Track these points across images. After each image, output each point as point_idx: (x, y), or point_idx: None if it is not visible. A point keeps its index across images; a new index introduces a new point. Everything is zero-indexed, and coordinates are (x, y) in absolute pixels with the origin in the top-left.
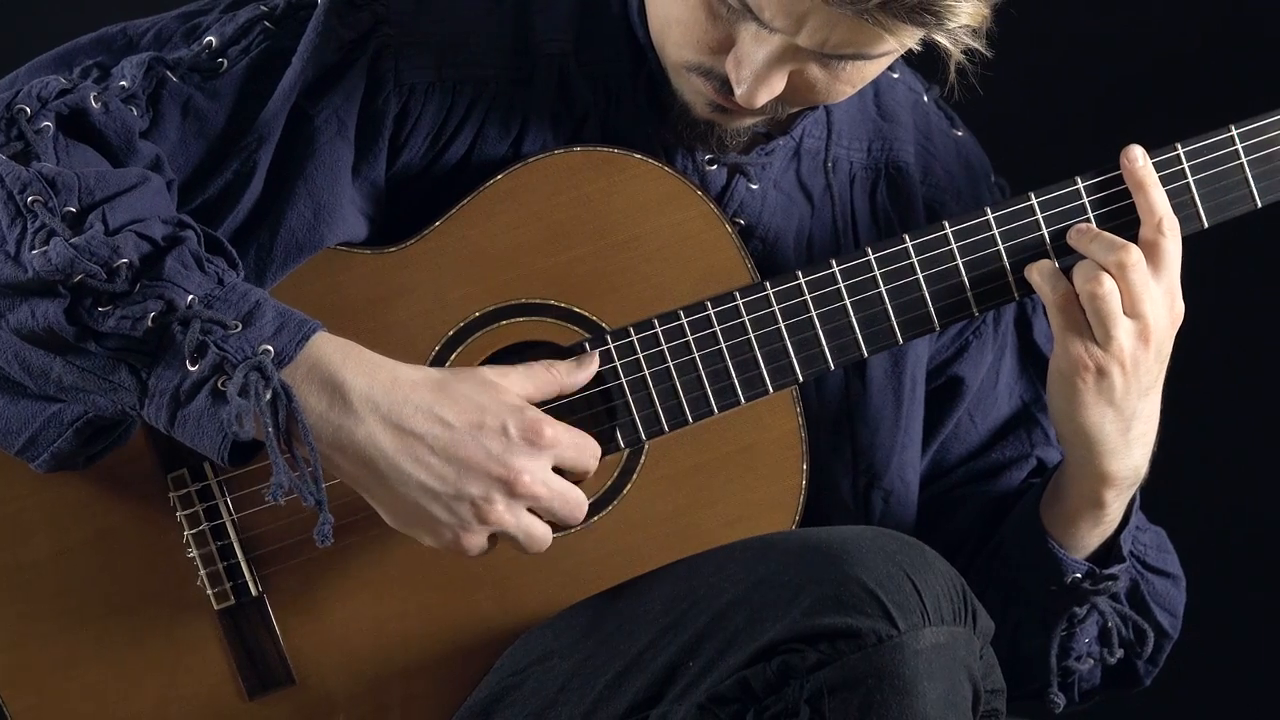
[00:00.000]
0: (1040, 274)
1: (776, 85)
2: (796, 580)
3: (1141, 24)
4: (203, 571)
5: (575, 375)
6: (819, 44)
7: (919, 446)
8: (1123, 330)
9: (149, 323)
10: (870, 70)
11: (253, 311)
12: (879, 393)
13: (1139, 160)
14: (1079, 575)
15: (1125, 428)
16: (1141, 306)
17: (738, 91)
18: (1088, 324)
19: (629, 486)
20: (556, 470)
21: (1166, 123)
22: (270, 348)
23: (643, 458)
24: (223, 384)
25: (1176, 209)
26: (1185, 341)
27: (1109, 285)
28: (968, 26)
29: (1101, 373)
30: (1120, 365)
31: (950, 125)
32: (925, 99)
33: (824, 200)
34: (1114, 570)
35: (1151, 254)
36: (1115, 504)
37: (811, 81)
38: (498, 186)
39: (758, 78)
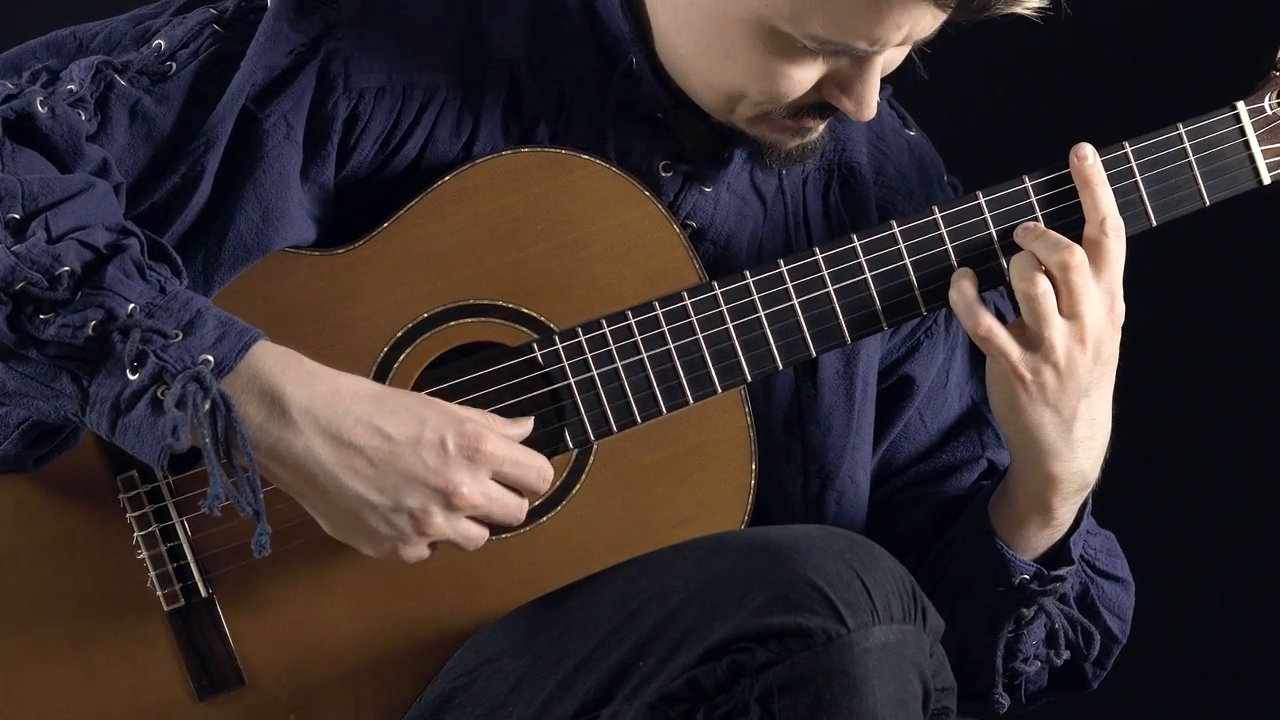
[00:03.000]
0: (966, 282)
1: (877, 86)
2: (746, 579)
3: (1094, 25)
4: (153, 573)
5: (510, 429)
6: (914, 38)
7: (870, 447)
8: (1057, 331)
9: (89, 331)
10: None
11: (194, 320)
12: (830, 393)
13: (1088, 158)
14: (1026, 576)
15: (1066, 429)
16: (1080, 307)
17: (858, 113)
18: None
19: (578, 487)
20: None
21: (1117, 122)
22: (210, 357)
23: (591, 458)
24: (162, 393)
25: (1125, 208)
26: (1135, 345)
27: (1043, 285)
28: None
29: (1036, 373)
30: (1054, 366)
31: (903, 125)
32: None
33: (776, 202)
34: (1061, 572)
35: (1094, 254)
36: (1062, 507)
37: (888, 65)
38: (446, 187)
39: (872, 94)
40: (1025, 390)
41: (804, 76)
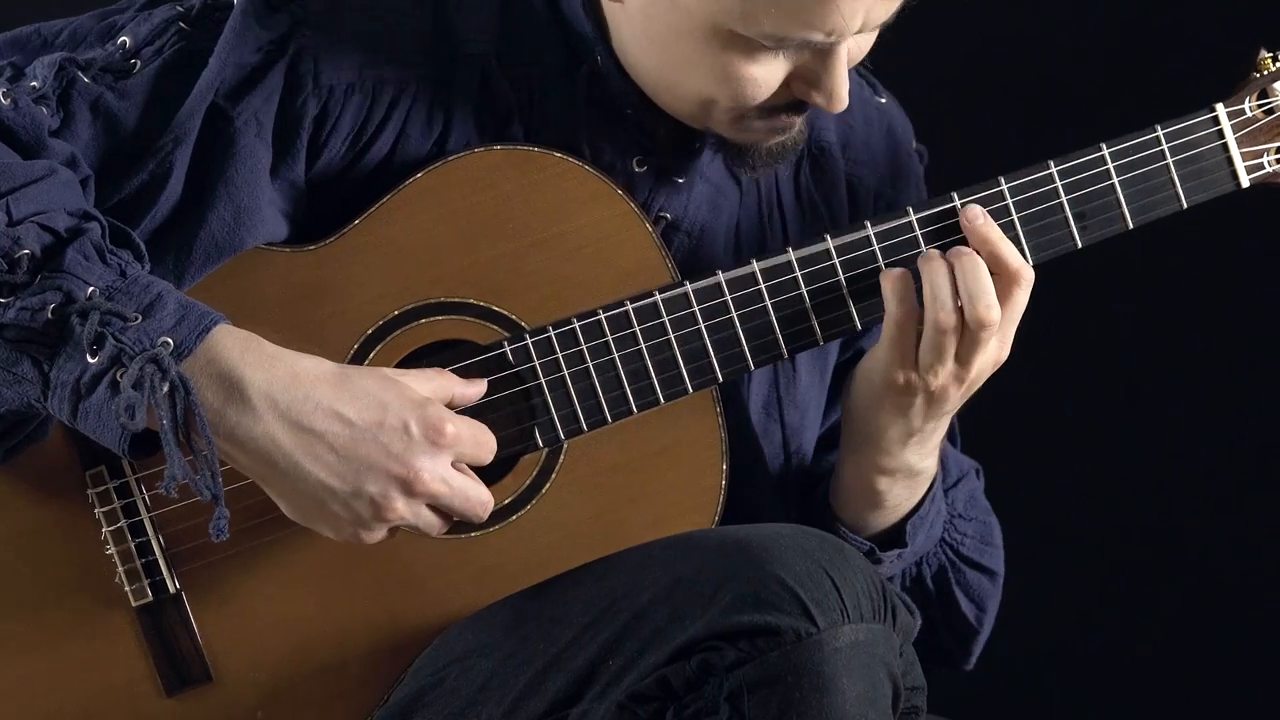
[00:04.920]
0: (892, 284)
1: (844, 77)
2: (716, 578)
3: (1073, 26)
4: (120, 568)
5: (467, 389)
6: (875, 22)
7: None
8: (945, 370)
9: (48, 314)
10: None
11: (153, 304)
12: (807, 374)
13: (979, 218)
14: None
15: (906, 436)
16: (973, 357)
17: (830, 105)
18: (916, 345)
19: (548, 486)
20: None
21: (1095, 123)
22: (169, 340)
23: (562, 457)
24: (120, 376)
25: (1102, 210)
26: (1070, 344)
27: (954, 324)
28: None
29: (908, 392)
30: (927, 394)
31: (873, 93)
32: None
33: (750, 185)
34: (890, 554)
35: (1000, 302)
36: (891, 491)
37: (854, 55)
38: (418, 184)
39: (844, 85)
40: (890, 399)
41: (768, 76)
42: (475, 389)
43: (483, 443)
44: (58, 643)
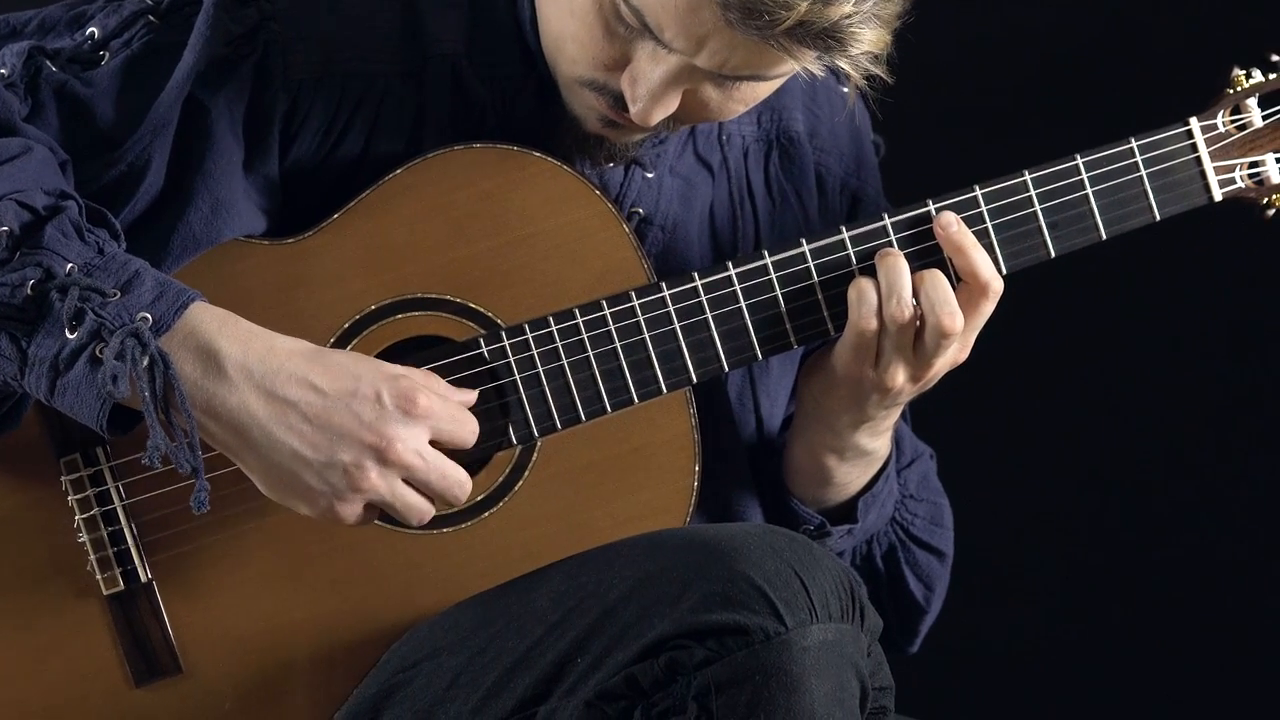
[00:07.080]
0: (859, 293)
1: (671, 104)
2: (685, 576)
3: (1052, 39)
4: (92, 556)
5: (453, 395)
6: (718, 65)
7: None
8: (902, 372)
9: (28, 290)
10: (764, 89)
11: (132, 280)
12: (779, 363)
13: (952, 225)
14: (810, 527)
15: (858, 422)
16: (933, 360)
17: (632, 110)
18: (876, 347)
19: (521, 483)
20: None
21: (1071, 136)
22: (148, 315)
23: (535, 455)
24: (100, 351)
25: (1075, 220)
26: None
27: (909, 318)
28: (869, 53)
29: (864, 385)
30: (882, 390)
31: (837, 81)
32: None
33: (721, 177)
34: (840, 528)
35: (966, 312)
36: (839, 469)
37: (705, 100)
38: (397, 180)
39: (653, 97)
40: (846, 390)
41: (609, 48)
42: (463, 397)
43: (461, 420)
44: (27, 630)
